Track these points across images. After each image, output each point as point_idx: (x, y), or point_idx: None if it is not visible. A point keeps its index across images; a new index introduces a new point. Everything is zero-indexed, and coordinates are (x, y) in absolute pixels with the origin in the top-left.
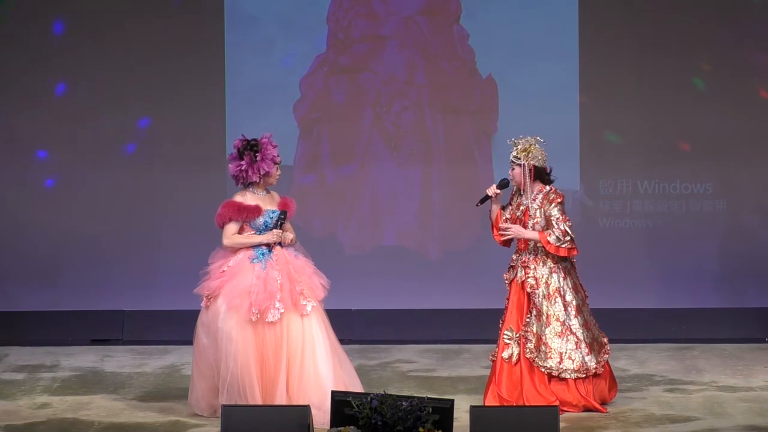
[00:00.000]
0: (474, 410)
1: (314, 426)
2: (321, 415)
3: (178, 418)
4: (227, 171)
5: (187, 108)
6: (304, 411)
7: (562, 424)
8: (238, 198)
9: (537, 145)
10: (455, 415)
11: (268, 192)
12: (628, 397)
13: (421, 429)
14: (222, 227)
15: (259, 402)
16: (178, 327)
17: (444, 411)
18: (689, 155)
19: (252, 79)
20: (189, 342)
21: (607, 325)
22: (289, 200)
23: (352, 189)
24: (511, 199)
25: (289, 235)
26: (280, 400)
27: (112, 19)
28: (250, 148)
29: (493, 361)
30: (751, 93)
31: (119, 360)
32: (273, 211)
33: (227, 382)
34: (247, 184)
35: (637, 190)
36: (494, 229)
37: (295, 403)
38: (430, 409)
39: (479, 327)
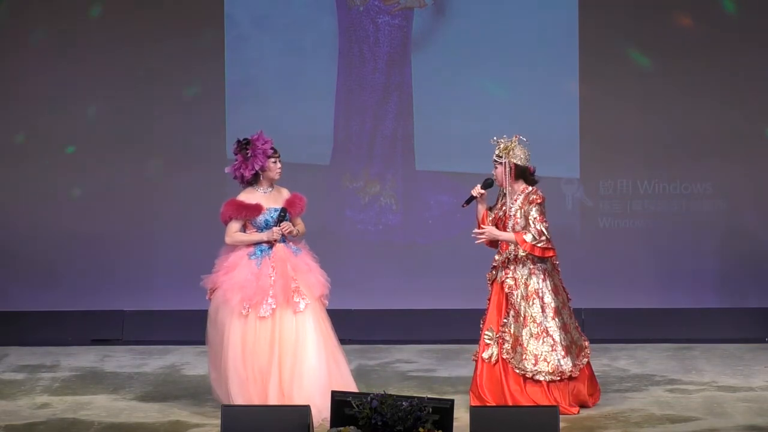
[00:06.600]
0: (474, 410)
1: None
2: (312, 411)
3: (178, 418)
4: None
5: (187, 108)
6: (304, 411)
7: (562, 424)
8: (242, 196)
9: (519, 144)
10: (455, 415)
11: (273, 188)
12: (628, 397)
13: (421, 429)
14: (225, 225)
15: (242, 398)
16: (178, 327)
17: (444, 411)
18: (689, 155)
19: (252, 78)
20: (189, 342)
21: (607, 325)
22: (297, 197)
23: (352, 189)
24: (498, 199)
25: (293, 229)
26: (273, 395)
27: (112, 20)
28: (242, 148)
29: (475, 361)
30: (751, 92)
31: (119, 360)
32: (275, 209)
33: (227, 375)
34: (253, 182)
35: (637, 190)
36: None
37: (287, 399)
38: (430, 409)
39: (479, 327)
